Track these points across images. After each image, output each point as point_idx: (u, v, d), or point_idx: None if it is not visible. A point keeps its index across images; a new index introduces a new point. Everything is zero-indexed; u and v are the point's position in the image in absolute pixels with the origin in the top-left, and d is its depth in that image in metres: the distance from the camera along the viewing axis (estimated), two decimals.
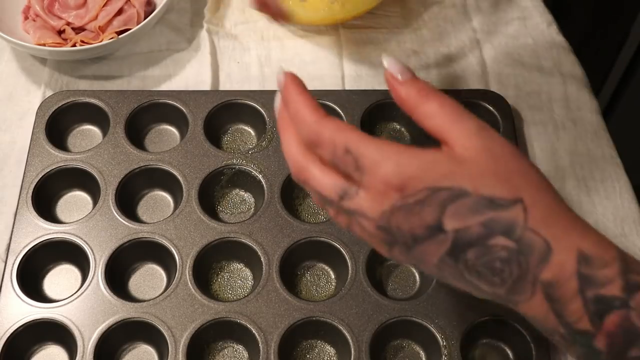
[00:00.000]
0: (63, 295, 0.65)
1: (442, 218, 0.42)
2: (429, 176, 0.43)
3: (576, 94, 0.81)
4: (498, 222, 0.42)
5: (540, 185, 0.44)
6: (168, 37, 0.85)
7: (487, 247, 0.42)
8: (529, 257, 0.42)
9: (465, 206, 0.42)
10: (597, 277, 0.41)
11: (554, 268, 0.42)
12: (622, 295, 0.41)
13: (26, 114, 0.79)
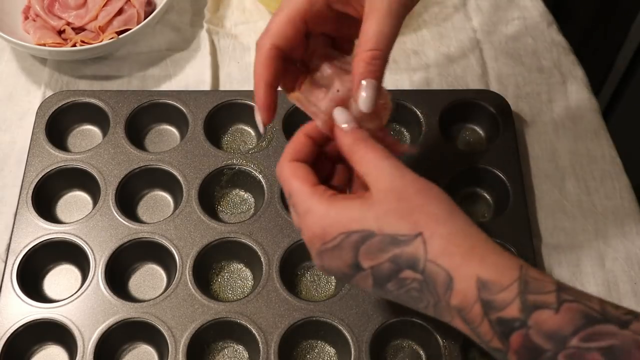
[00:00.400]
0: (63, 295, 0.65)
1: (358, 258, 0.48)
2: (342, 223, 0.48)
3: (576, 94, 0.81)
4: (402, 257, 0.46)
5: (440, 218, 0.47)
6: (168, 37, 0.85)
7: (400, 279, 0.47)
8: (436, 286, 0.46)
9: (373, 246, 0.47)
10: (496, 302, 0.44)
11: (458, 295, 0.45)
12: (521, 316, 0.43)
13: (26, 114, 0.79)
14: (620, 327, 0.42)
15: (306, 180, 0.51)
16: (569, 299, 0.43)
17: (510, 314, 0.44)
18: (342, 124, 0.52)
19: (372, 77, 0.51)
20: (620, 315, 0.43)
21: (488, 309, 0.44)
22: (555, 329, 0.42)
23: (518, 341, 0.43)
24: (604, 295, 0.67)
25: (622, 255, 0.70)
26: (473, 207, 0.72)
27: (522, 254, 0.65)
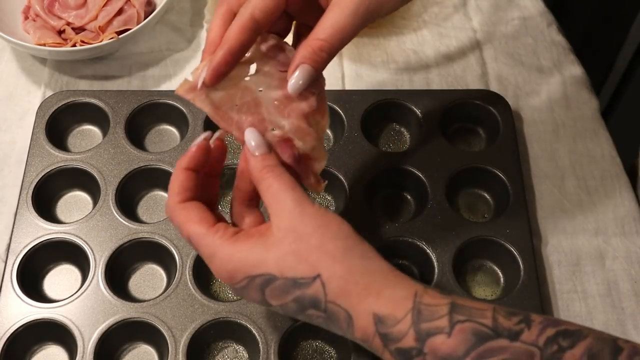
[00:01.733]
0: (63, 295, 0.65)
1: (265, 297, 0.50)
2: (246, 267, 0.49)
3: (576, 94, 0.81)
4: (305, 298, 0.49)
5: (337, 257, 0.48)
6: (168, 37, 0.85)
7: (307, 315, 0.50)
8: (338, 323, 0.49)
9: (276, 288, 0.49)
10: (393, 334, 0.46)
11: (360, 331, 0.48)
12: (417, 345, 0.46)
13: (26, 114, 0.79)
14: (511, 340, 0.44)
15: (203, 221, 0.51)
16: (461, 320, 0.46)
17: (407, 344, 0.46)
18: (254, 151, 0.52)
19: (312, 65, 0.50)
20: (512, 326, 0.45)
21: (387, 341, 0.47)
22: (449, 353, 0.45)
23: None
24: (604, 295, 0.68)
25: (622, 254, 0.70)
26: (473, 207, 0.72)
27: (522, 254, 0.66)
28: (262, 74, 0.53)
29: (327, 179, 0.70)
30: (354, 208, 0.68)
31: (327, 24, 0.50)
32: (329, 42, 0.50)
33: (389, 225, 0.68)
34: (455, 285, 0.64)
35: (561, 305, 0.67)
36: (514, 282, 0.65)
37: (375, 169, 0.71)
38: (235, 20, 0.51)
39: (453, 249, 0.66)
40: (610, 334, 0.45)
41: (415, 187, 0.71)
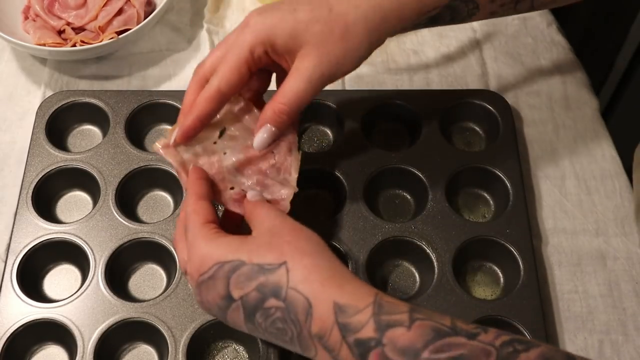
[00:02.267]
0: (63, 295, 0.65)
1: (229, 288, 0.51)
2: (218, 255, 0.52)
3: (576, 94, 0.81)
4: (268, 285, 0.50)
5: (305, 251, 0.51)
6: (168, 37, 0.85)
7: (265, 309, 0.50)
8: (297, 314, 0.49)
9: (242, 274, 0.51)
10: (352, 324, 0.47)
11: (318, 322, 0.48)
12: (376, 336, 0.46)
13: (26, 114, 0.79)
14: (468, 338, 0.45)
15: (202, 215, 0.55)
16: (420, 317, 0.47)
17: (366, 335, 0.47)
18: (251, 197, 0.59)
19: (274, 125, 0.58)
20: (470, 329, 0.46)
21: (345, 331, 0.47)
22: (408, 345, 0.45)
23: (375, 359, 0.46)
24: (606, 295, 0.68)
25: (623, 255, 0.70)
26: (473, 207, 0.72)
27: (522, 254, 0.66)
28: (228, 137, 0.60)
29: (326, 180, 0.71)
30: (354, 208, 0.68)
31: (287, 89, 0.57)
32: (287, 105, 0.57)
33: (389, 225, 0.68)
34: (455, 285, 0.64)
35: (562, 305, 0.67)
36: (514, 282, 0.65)
37: (375, 169, 0.71)
38: (203, 90, 0.57)
39: (453, 249, 0.66)
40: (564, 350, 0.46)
41: (415, 187, 0.71)
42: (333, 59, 0.57)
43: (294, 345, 0.51)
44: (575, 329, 0.66)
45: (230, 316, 0.53)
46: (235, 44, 0.57)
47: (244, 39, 0.57)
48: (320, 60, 0.57)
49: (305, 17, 0.57)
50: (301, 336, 0.50)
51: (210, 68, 0.59)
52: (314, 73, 0.57)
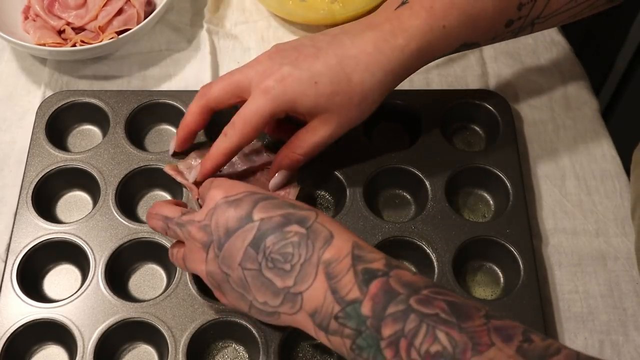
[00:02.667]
0: (63, 295, 0.65)
1: (252, 210, 0.53)
2: (250, 187, 0.56)
3: (576, 94, 0.81)
4: (295, 215, 0.53)
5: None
6: (168, 37, 0.85)
7: (283, 232, 0.52)
8: (315, 241, 0.52)
9: (272, 203, 0.54)
10: (366, 257, 0.51)
11: (333, 250, 0.51)
12: (384, 269, 0.50)
13: (26, 114, 0.79)
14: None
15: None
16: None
17: (376, 267, 0.50)
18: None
19: (288, 170, 0.66)
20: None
21: (357, 261, 0.51)
22: (412, 282, 0.50)
23: (377, 286, 0.49)
24: (606, 296, 0.68)
25: (624, 255, 0.70)
26: (473, 207, 0.72)
27: (522, 254, 0.65)
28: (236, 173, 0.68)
29: (327, 179, 0.71)
30: (354, 208, 0.68)
31: (304, 142, 0.64)
32: (303, 156, 0.65)
33: (389, 225, 0.68)
34: (455, 285, 0.64)
35: (562, 305, 0.67)
36: (514, 282, 0.65)
37: (375, 169, 0.71)
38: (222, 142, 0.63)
39: (453, 249, 0.66)
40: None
41: (415, 187, 0.71)
42: (350, 122, 0.64)
43: (285, 278, 0.52)
44: (575, 329, 0.66)
45: (234, 241, 0.53)
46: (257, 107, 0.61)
47: (265, 106, 0.61)
48: (339, 125, 0.63)
49: (327, 91, 0.61)
50: (308, 262, 0.51)
51: (216, 101, 0.64)
52: (332, 134, 0.64)
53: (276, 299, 0.52)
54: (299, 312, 0.52)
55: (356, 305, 0.49)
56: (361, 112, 0.64)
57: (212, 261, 0.54)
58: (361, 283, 0.49)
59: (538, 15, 0.65)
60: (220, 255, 0.54)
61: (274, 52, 0.63)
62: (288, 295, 0.52)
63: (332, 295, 0.50)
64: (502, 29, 0.65)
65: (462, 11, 0.62)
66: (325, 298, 0.50)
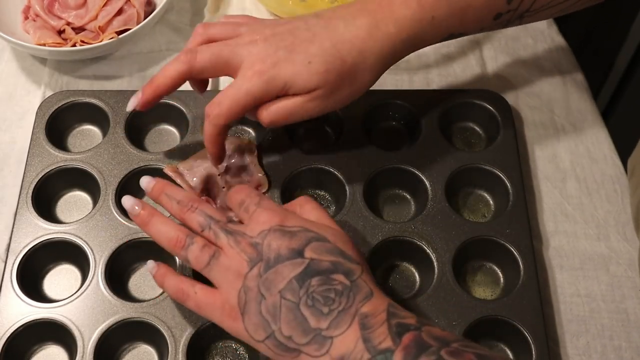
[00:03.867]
0: (63, 295, 0.65)
1: (304, 248, 0.55)
2: (305, 221, 0.57)
3: (576, 94, 0.81)
4: (343, 265, 0.54)
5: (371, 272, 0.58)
6: (168, 37, 0.85)
7: (329, 278, 0.54)
8: (357, 294, 0.53)
9: (324, 247, 0.55)
10: (400, 314, 0.53)
11: (371, 305, 0.53)
12: (417, 324, 0.52)
13: (26, 114, 0.79)
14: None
15: None
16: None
17: (409, 322, 0.52)
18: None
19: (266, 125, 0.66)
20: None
21: (392, 317, 0.52)
22: (443, 336, 0.51)
23: (410, 338, 0.51)
24: (609, 300, 0.68)
25: (626, 262, 0.69)
26: (473, 207, 0.72)
27: (522, 254, 0.65)
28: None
29: (327, 179, 0.71)
30: (354, 208, 0.68)
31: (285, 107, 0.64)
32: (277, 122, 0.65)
33: (389, 225, 0.68)
34: (455, 285, 0.64)
35: (564, 309, 0.67)
36: (514, 282, 0.65)
37: (375, 169, 0.71)
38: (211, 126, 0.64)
39: (453, 249, 0.66)
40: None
41: (415, 187, 0.71)
42: (339, 100, 0.65)
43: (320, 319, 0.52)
44: (577, 332, 0.66)
45: (282, 268, 0.54)
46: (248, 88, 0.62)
47: (258, 87, 0.62)
48: (327, 102, 0.64)
49: (321, 69, 0.62)
50: (346, 311, 0.52)
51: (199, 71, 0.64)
52: (319, 107, 0.64)
53: (304, 337, 0.52)
54: (324, 356, 0.52)
55: (387, 354, 0.50)
56: (350, 93, 0.65)
57: (254, 278, 0.54)
58: (394, 335, 0.51)
59: (527, 8, 0.66)
60: (263, 276, 0.54)
61: (269, 35, 0.63)
62: (318, 337, 0.52)
63: (363, 343, 0.51)
64: (491, 21, 0.66)
65: (450, 4, 0.64)
66: (356, 346, 0.51)
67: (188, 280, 0.58)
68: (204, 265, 0.57)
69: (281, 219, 0.56)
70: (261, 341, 0.54)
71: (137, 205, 0.61)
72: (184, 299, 0.58)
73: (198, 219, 0.58)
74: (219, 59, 0.63)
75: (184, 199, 0.60)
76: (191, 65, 0.63)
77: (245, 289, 0.54)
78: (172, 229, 0.59)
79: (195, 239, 0.58)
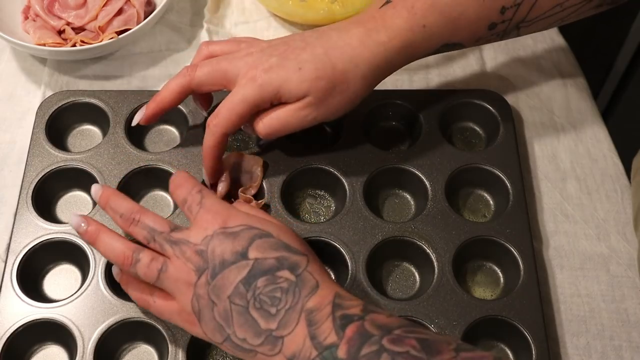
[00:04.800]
0: (63, 295, 0.65)
1: (248, 248, 0.55)
2: (248, 218, 0.57)
3: (576, 94, 0.81)
4: (288, 260, 0.55)
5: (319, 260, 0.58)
6: (168, 37, 0.85)
7: (275, 277, 0.54)
8: (302, 289, 0.54)
9: (267, 243, 0.56)
10: (345, 305, 0.54)
11: (317, 299, 0.54)
12: (361, 314, 0.53)
13: (26, 114, 0.79)
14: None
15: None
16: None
17: (353, 312, 0.53)
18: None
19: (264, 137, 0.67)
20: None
21: (336, 309, 0.53)
22: (386, 323, 0.52)
23: (353, 330, 0.51)
24: (609, 300, 0.68)
25: (626, 262, 0.69)
26: (473, 207, 0.72)
27: (522, 254, 0.66)
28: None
29: (327, 179, 0.71)
30: (354, 208, 0.68)
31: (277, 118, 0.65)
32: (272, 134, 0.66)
33: (389, 225, 0.68)
34: (455, 285, 0.64)
35: (564, 309, 0.67)
36: (514, 282, 0.65)
37: (375, 169, 0.71)
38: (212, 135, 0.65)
39: (453, 249, 0.66)
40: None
41: (415, 187, 0.71)
42: (331, 109, 0.65)
43: (269, 321, 0.53)
44: (577, 332, 0.66)
45: (228, 274, 0.54)
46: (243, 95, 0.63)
47: (251, 93, 0.63)
48: (318, 110, 0.64)
49: (312, 76, 0.62)
50: (292, 309, 0.53)
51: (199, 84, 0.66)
52: (312, 115, 0.64)
53: (257, 338, 0.54)
54: (278, 355, 0.53)
55: (332, 349, 0.51)
56: (342, 101, 0.65)
57: (202, 286, 0.55)
58: (338, 328, 0.52)
59: (522, 19, 0.66)
60: (211, 284, 0.55)
61: (265, 47, 0.65)
62: (269, 338, 0.53)
63: (310, 341, 0.52)
64: (486, 32, 0.66)
65: (441, 12, 0.64)
66: (304, 343, 0.52)
67: (148, 289, 0.60)
68: (153, 279, 0.57)
69: (223, 220, 0.56)
70: (221, 343, 0.56)
71: (83, 222, 0.61)
72: (146, 306, 0.60)
73: (142, 232, 0.59)
74: (216, 71, 0.65)
75: (126, 211, 0.60)
76: (191, 78, 0.65)
77: (197, 297, 0.56)
78: (119, 245, 0.59)
79: (142, 254, 0.58)
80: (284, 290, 0.54)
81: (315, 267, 0.56)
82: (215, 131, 0.64)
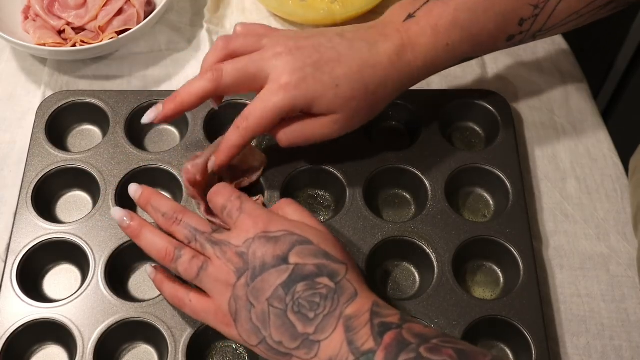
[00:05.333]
0: (63, 295, 0.65)
1: (289, 253, 0.55)
2: (289, 223, 0.58)
3: (576, 94, 0.81)
4: (327, 267, 0.55)
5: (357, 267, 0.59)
6: (168, 37, 0.85)
7: (314, 282, 0.55)
8: (341, 296, 0.55)
9: (308, 250, 0.56)
10: (383, 313, 0.54)
11: (355, 306, 0.54)
12: (398, 322, 0.53)
13: (26, 114, 0.79)
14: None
15: None
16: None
17: (391, 320, 0.53)
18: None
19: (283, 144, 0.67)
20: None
21: (375, 316, 0.54)
22: (423, 332, 0.53)
23: (391, 337, 0.52)
24: (609, 300, 0.67)
25: (626, 262, 0.69)
26: (473, 207, 0.72)
27: (522, 254, 0.65)
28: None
29: (327, 179, 0.71)
30: (354, 208, 0.68)
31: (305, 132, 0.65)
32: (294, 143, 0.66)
33: (389, 225, 0.68)
34: (455, 285, 0.64)
35: (564, 308, 0.67)
36: (514, 282, 0.65)
37: (375, 169, 0.71)
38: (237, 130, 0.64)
39: (453, 249, 0.66)
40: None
41: (415, 187, 0.71)
42: (354, 125, 0.66)
43: (307, 325, 0.54)
44: (578, 332, 0.66)
45: (268, 277, 0.55)
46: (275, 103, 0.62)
47: (284, 102, 0.62)
48: (342, 126, 0.65)
49: (346, 95, 0.63)
50: (331, 314, 0.54)
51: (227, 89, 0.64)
52: (337, 132, 0.65)
53: (293, 342, 0.54)
54: (314, 359, 0.54)
55: (370, 355, 0.51)
56: (366, 118, 0.66)
57: (242, 287, 0.56)
58: (376, 335, 0.52)
59: (540, 29, 0.67)
60: (251, 285, 0.55)
61: (293, 48, 0.63)
62: (306, 342, 0.54)
63: (348, 346, 0.52)
64: (504, 43, 0.67)
65: (464, 30, 0.64)
66: (341, 348, 0.53)
67: (183, 288, 0.60)
68: (193, 277, 0.58)
69: (265, 225, 0.57)
70: (255, 346, 0.56)
71: (127, 216, 0.62)
72: (180, 305, 0.60)
73: (184, 232, 0.59)
74: (244, 76, 0.63)
75: (169, 211, 0.60)
76: (218, 83, 0.63)
77: (235, 298, 0.56)
78: (161, 241, 0.60)
79: (184, 251, 0.58)
80: (323, 297, 0.54)
81: (354, 275, 0.56)
82: (245, 134, 0.64)
